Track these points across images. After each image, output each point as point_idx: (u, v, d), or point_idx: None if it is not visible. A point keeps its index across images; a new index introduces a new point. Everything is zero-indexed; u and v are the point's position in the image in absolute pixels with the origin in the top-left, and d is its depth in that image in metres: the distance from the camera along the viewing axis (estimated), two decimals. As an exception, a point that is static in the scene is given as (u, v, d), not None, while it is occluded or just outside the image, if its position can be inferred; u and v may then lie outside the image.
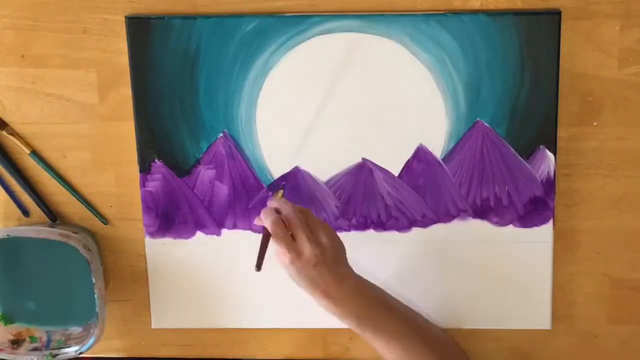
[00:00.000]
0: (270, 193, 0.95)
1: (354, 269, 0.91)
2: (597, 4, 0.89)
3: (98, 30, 0.93)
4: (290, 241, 0.87)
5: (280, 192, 0.93)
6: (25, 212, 0.99)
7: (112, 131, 0.96)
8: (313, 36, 0.91)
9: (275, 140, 0.94)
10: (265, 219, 0.88)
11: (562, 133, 0.92)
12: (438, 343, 0.94)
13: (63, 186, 0.97)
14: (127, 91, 0.94)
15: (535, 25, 0.89)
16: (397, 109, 0.92)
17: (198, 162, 0.95)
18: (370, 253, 0.96)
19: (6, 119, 0.96)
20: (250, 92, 0.93)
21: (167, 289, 0.99)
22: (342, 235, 0.94)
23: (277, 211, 0.88)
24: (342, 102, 0.92)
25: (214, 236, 0.97)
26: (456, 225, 0.95)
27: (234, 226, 0.96)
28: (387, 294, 0.94)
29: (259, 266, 0.87)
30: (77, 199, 0.98)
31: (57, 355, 0.98)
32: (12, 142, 0.96)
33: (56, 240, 0.93)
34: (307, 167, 0.95)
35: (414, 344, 0.90)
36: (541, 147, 0.92)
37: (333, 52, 0.91)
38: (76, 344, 0.97)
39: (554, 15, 0.89)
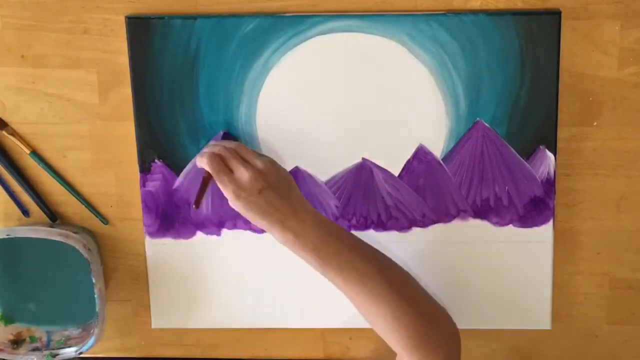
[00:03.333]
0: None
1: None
2: (597, 4, 0.89)
3: (98, 30, 0.93)
4: (228, 173, 0.85)
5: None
6: (25, 212, 0.99)
7: (112, 131, 0.96)
8: (313, 36, 0.91)
9: (275, 140, 0.94)
10: (199, 160, 0.87)
11: (562, 133, 0.93)
12: (411, 290, 0.88)
13: (63, 186, 0.97)
14: (127, 91, 0.94)
15: (535, 25, 0.89)
16: (397, 109, 0.92)
17: (198, 162, 0.95)
18: (370, 253, 0.96)
19: (6, 119, 0.96)
20: (250, 92, 0.93)
21: (167, 289, 0.99)
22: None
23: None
24: (342, 102, 0.92)
25: (214, 236, 0.97)
26: (456, 225, 0.95)
27: (234, 226, 0.96)
28: (352, 234, 0.89)
29: (197, 204, 0.88)
30: (77, 199, 0.98)
31: (57, 355, 0.98)
32: (12, 142, 0.96)
33: (56, 240, 0.93)
34: (307, 167, 0.95)
35: (381, 286, 0.85)
36: (541, 147, 0.92)
37: (333, 52, 0.91)
38: (76, 344, 0.97)
39: (554, 15, 0.89)
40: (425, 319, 0.86)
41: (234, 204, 0.85)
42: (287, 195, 0.86)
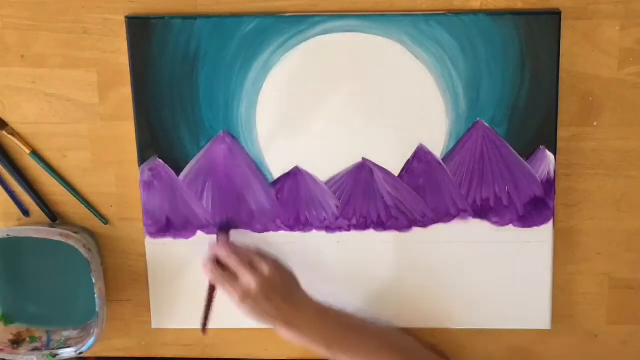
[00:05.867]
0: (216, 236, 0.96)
1: (353, 269, 0.91)
2: (597, 4, 0.89)
3: (98, 30, 0.93)
4: (232, 281, 0.89)
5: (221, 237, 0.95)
6: (25, 212, 0.99)
7: (112, 131, 0.96)
8: (313, 36, 0.91)
9: (275, 140, 0.94)
10: (204, 271, 0.91)
11: (562, 133, 0.92)
12: (415, 354, 0.95)
13: (63, 186, 0.97)
14: (127, 91, 0.94)
15: (535, 25, 0.89)
16: (397, 109, 0.92)
17: (198, 162, 0.95)
18: (370, 253, 0.96)
19: (6, 119, 0.96)
20: (250, 92, 0.93)
21: (167, 289, 0.99)
22: (342, 235, 0.95)
23: (217, 258, 0.91)
24: (342, 102, 0.92)
25: (214, 236, 0.97)
26: (456, 225, 0.95)
27: (234, 226, 0.96)
28: (352, 315, 0.95)
29: (203, 327, 0.93)
30: (77, 199, 0.98)
31: (57, 355, 0.98)
32: (12, 142, 0.96)
33: (56, 240, 0.93)
34: (307, 167, 0.95)
35: (387, 353, 0.91)
36: (541, 147, 0.92)
37: (333, 52, 0.91)
38: (76, 344, 0.98)
39: (554, 15, 0.89)
40: None
41: (240, 307, 0.89)
42: (291, 296, 0.90)
